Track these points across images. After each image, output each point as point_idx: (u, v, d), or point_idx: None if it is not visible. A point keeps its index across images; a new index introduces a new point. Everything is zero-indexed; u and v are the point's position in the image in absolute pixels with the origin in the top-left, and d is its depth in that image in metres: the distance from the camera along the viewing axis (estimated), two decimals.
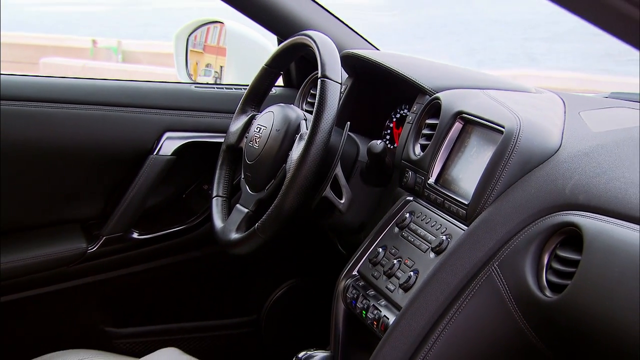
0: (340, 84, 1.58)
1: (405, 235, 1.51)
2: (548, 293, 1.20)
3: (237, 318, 2.13)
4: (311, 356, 1.50)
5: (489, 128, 1.44)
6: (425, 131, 1.61)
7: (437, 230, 1.44)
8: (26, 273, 1.92)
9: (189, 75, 2.26)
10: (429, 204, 1.52)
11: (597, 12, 0.82)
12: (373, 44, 2.03)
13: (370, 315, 1.46)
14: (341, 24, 2.01)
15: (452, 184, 1.49)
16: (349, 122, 1.66)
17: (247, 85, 1.84)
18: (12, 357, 1.75)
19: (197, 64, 2.24)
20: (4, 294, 1.92)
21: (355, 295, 1.52)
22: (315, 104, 1.56)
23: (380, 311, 1.44)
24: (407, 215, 1.54)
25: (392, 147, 1.80)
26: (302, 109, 1.81)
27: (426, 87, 1.65)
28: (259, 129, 1.69)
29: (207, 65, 2.24)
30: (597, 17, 0.83)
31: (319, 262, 2.09)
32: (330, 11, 2.01)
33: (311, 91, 2.01)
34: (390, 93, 1.83)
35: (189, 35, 2.26)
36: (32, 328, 1.98)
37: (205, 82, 2.19)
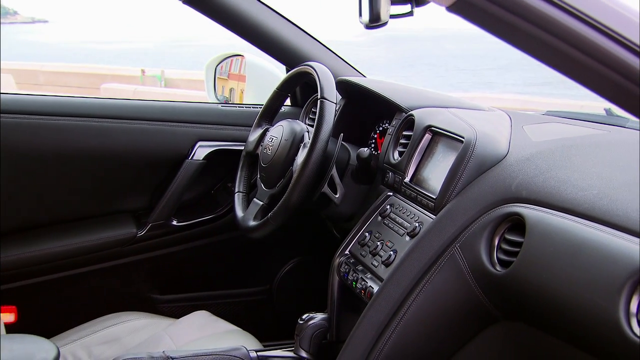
0: (335, 103, 1.58)
1: (387, 222, 1.51)
2: (498, 268, 1.20)
3: (254, 288, 2.13)
4: (312, 317, 1.49)
5: (452, 138, 1.44)
6: (402, 141, 1.61)
7: (411, 218, 1.44)
8: (89, 252, 1.92)
9: (217, 97, 2.26)
10: (405, 198, 1.52)
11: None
12: (361, 72, 2.03)
13: (359, 285, 1.46)
14: (336, 56, 2.01)
15: (423, 182, 1.49)
16: (342, 134, 1.66)
17: (262, 105, 1.84)
18: (78, 318, 1.75)
19: (230, 90, 2.23)
20: (72, 268, 1.92)
21: (347, 270, 1.52)
22: (316, 119, 1.56)
23: (367, 282, 1.43)
24: (388, 207, 1.53)
25: (376, 153, 1.80)
26: (305, 123, 1.81)
27: (403, 106, 1.65)
28: (271, 139, 1.69)
29: (230, 91, 2.23)
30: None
31: (318, 244, 2.09)
32: (328, 46, 2.01)
33: (312, 109, 2.00)
34: (375, 111, 1.83)
35: (217, 66, 2.25)
36: (94, 295, 1.98)
37: (229, 103, 2.19)
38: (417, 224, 1.40)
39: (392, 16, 0.93)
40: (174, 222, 1.98)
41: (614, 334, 0.96)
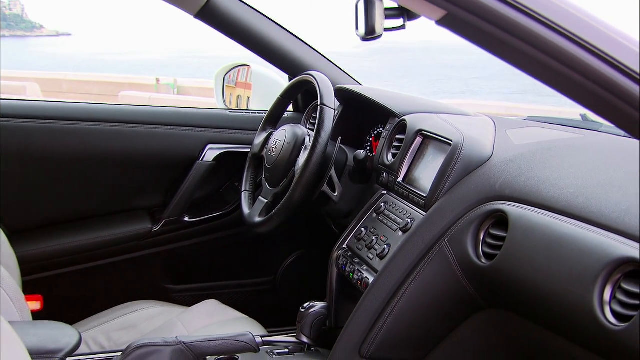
0: (334, 109, 1.58)
1: (381, 219, 1.50)
2: (483, 260, 1.20)
3: (259, 278, 2.13)
4: (312, 306, 1.49)
5: (441, 141, 1.44)
6: (395, 144, 1.61)
7: (404, 215, 1.44)
8: (109, 245, 1.92)
9: (225, 103, 2.25)
10: (398, 196, 1.52)
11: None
12: (357, 80, 2.03)
13: (355, 276, 1.46)
14: (335, 66, 2.01)
15: (415, 182, 1.49)
16: (340, 137, 1.66)
17: (267, 111, 1.84)
18: (98, 306, 1.75)
19: (237, 97, 2.23)
20: (93, 260, 1.92)
21: (345, 262, 1.52)
22: (316, 124, 1.56)
23: (363, 273, 1.43)
24: (382, 204, 1.53)
25: (371, 155, 1.80)
26: (306, 128, 1.81)
27: (396, 112, 1.65)
28: (275, 142, 1.69)
29: (238, 98, 2.23)
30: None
31: (318, 238, 2.09)
32: (327, 57, 2.01)
33: (313, 115, 2.00)
34: (370, 116, 1.83)
35: (225, 75, 2.25)
36: (113, 285, 1.98)
37: (237, 108, 2.19)
38: (409, 220, 1.40)
39: (386, 29, 0.93)
40: (186, 218, 1.98)
41: (589, 321, 0.96)
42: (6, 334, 0.63)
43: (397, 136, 1.61)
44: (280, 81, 2.10)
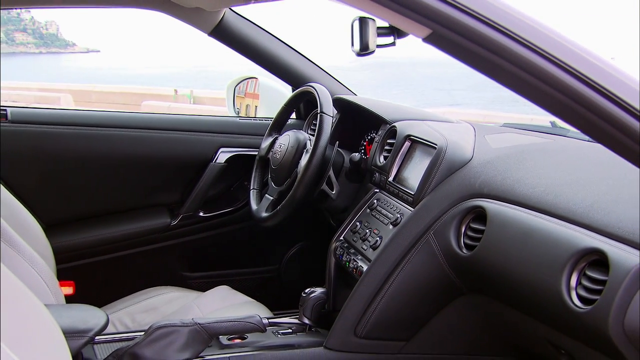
0: (332, 117, 1.58)
1: (374, 214, 1.51)
2: (464, 251, 1.20)
3: (265, 267, 2.12)
4: (313, 291, 1.49)
5: (427, 145, 1.44)
6: (386, 147, 1.61)
7: (394, 211, 1.44)
8: (133, 237, 1.92)
9: (236, 111, 2.25)
10: (389, 194, 1.52)
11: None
12: (353, 91, 2.03)
13: (351, 265, 1.46)
14: (333, 78, 2.01)
15: (404, 181, 1.49)
16: (337, 141, 1.66)
17: (272, 118, 1.84)
18: (123, 291, 1.75)
19: (247, 106, 2.22)
20: (119, 250, 1.92)
21: (342, 253, 1.52)
22: (316, 130, 1.56)
23: (358, 262, 1.43)
24: (375, 201, 1.53)
25: (365, 157, 1.80)
26: (307, 133, 1.81)
27: (387, 119, 1.65)
28: (280, 145, 1.69)
29: (247, 107, 2.23)
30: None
31: (318, 232, 2.08)
32: (326, 70, 2.01)
33: (313, 122, 2.00)
34: (364, 122, 1.83)
35: (236, 86, 2.25)
36: (136, 272, 1.98)
37: (246, 116, 2.19)
38: (398, 215, 1.40)
39: (378, 46, 0.93)
40: (201, 214, 1.98)
41: (558, 304, 0.96)
42: (43, 315, 0.64)
43: (388, 140, 1.61)
44: (285, 92, 2.09)
